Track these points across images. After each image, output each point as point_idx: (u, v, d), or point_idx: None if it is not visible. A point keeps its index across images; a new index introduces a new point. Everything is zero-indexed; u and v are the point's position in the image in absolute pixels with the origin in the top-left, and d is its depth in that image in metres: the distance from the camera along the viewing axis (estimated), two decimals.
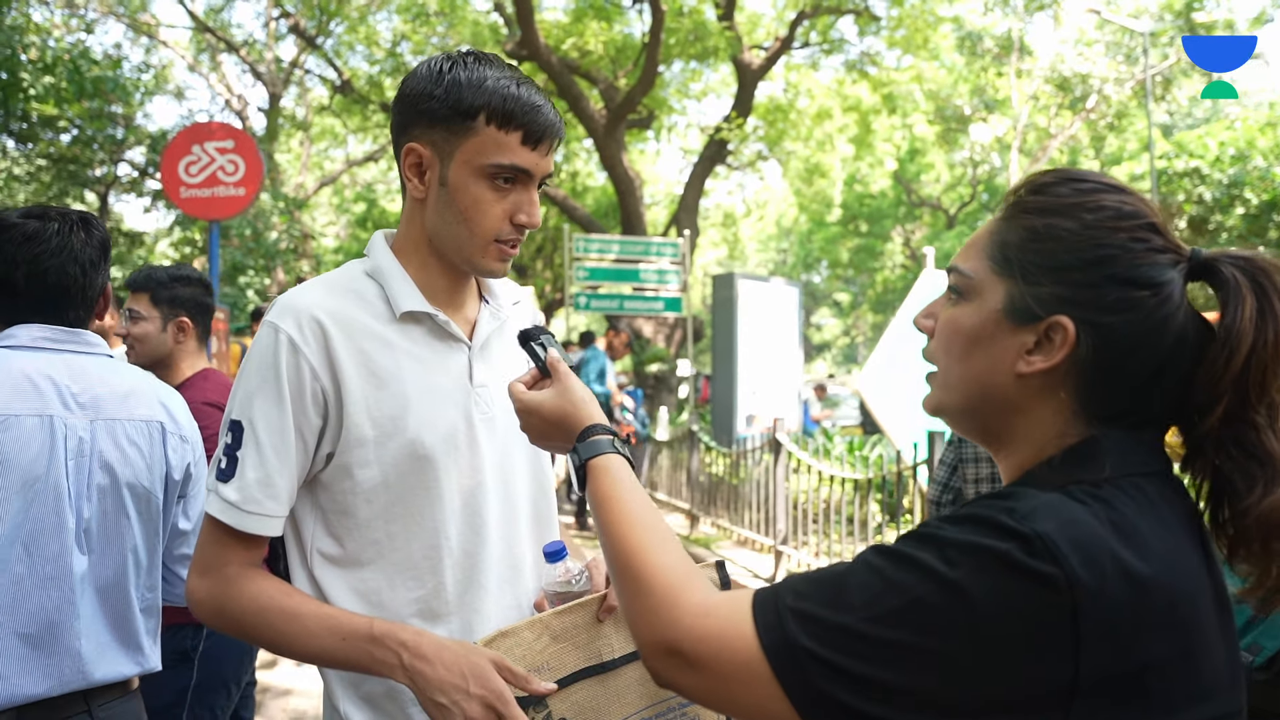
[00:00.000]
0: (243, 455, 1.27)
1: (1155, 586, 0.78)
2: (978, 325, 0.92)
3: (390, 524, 1.32)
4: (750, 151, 18.66)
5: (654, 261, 12.03)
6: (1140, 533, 0.80)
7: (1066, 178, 0.92)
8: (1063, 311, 0.87)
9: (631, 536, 0.98)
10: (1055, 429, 0.89)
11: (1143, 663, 0.78)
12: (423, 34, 16.23)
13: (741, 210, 28.42)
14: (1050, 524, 0.78)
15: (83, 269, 1.79)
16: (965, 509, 0.85)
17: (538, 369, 1.27)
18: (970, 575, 0.77)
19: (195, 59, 20.66)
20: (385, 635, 1.24)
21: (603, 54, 14.80)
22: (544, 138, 1.30)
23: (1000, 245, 0.92)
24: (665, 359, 15.46)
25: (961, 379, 0.94)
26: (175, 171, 6.03)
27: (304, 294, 1.33)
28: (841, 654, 0.79)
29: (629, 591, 0.94)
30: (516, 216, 1.32)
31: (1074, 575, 0.75)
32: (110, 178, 15.54)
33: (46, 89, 11.42)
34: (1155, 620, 0.78)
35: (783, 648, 0.81)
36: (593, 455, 1.10)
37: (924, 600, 0.78)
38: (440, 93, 1.28)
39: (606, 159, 14.80)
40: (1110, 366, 0.87)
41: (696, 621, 0.86)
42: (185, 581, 1.38)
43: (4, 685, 1.59)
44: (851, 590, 0.81)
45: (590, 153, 17.21)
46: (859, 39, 17.51)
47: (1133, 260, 0.86)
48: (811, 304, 39.67)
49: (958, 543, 0.79)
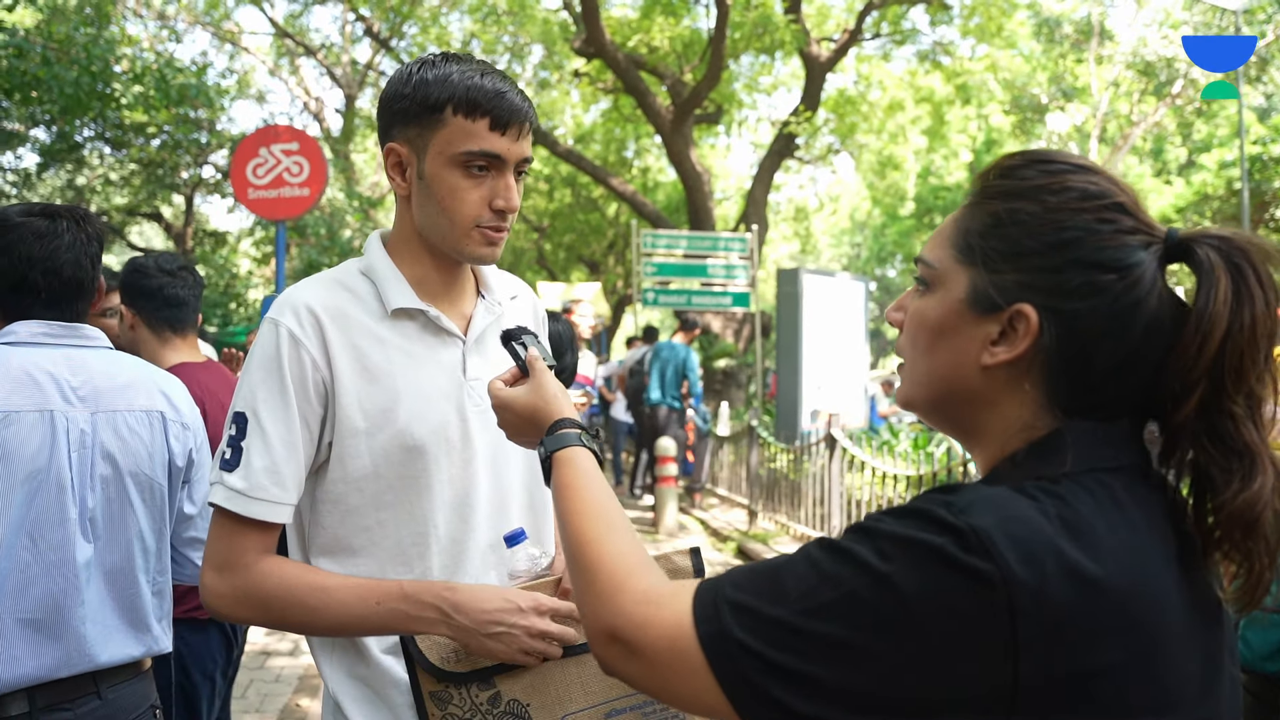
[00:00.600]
0: (248, 445, 1.31)
1: (1108, 588, 0.74)
2: (941, 317, 0.89)
3: (380, 512, 1.37)
4: (821, 145, 18.47)
5: (722, 256, 12.01)
6: (1095, 531, 0.76)
7: (1033, 159, 0.88)
8: (1026, 299, 0.83)
9: (585, 526, 0.99)
10: (1022, 422, 0.86)
11: (1092, 668, 0.74)
12: (493, 33, 16.48)
13: (814, 204, 28.10)
14: (989, 519, 0.75)
15: (91, 263, 1.85)
16: (910, 501, 0.82)
17: (518, 368, 1.30)
18: (903, 570, 0.75)
19: (275, 64, 21.31)
20: (419, 593, 1.29)
21: (669, 49, 14.81)
22: (511, 122, 1.33)
23: (964, 233, 0.89)
24: (733, 354, 15.42)
25: (927, 373, 0.91)
26: (243, 173, 6.27)
27: (302, 291, 1.38)
28: (774, 648, 0.77)
29: (579, 579, 0.95)
30: (494, 202, 1.35)
31: (1009, 572, 0.72)
32: (195, 180, 16.16)
33: (136, 97, 11.94)
34: (1107, 623, 0.74)
35: (718, 639, 0.80)
36: (558, 448, 1.12)
37: (857, 594, 0.76)
38: (409, 92, 1.33)
39: (674, 154, 14.81)
40: (1077, 355, 0.83)
41: (638, 609, 0.86)
42: (199, 570, 1.43)
43: (13, 666, 1.66)
44: (787, 583, 0.79)
45: (661, 149, 17.24)
46: (931, 29, 17.20)
47: (1098, 242, 0.82)
48: (886, 298, 39.04)
49: (893, 536, 0.77)
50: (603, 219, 23.11)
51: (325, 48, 20.49)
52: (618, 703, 1.38)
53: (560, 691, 1.34)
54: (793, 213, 27.62)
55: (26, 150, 14.80)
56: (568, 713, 1.34)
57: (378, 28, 17.20)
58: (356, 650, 1.39)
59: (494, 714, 1.32)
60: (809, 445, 7.54)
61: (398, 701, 1.37)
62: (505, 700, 1.33)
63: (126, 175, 16.08)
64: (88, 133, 13.34)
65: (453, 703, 1.32)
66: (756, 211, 15.25)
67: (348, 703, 1.38)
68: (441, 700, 1.32)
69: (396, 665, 1.38)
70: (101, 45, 10.90)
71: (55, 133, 12.97)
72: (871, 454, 6.37)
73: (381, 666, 1.38)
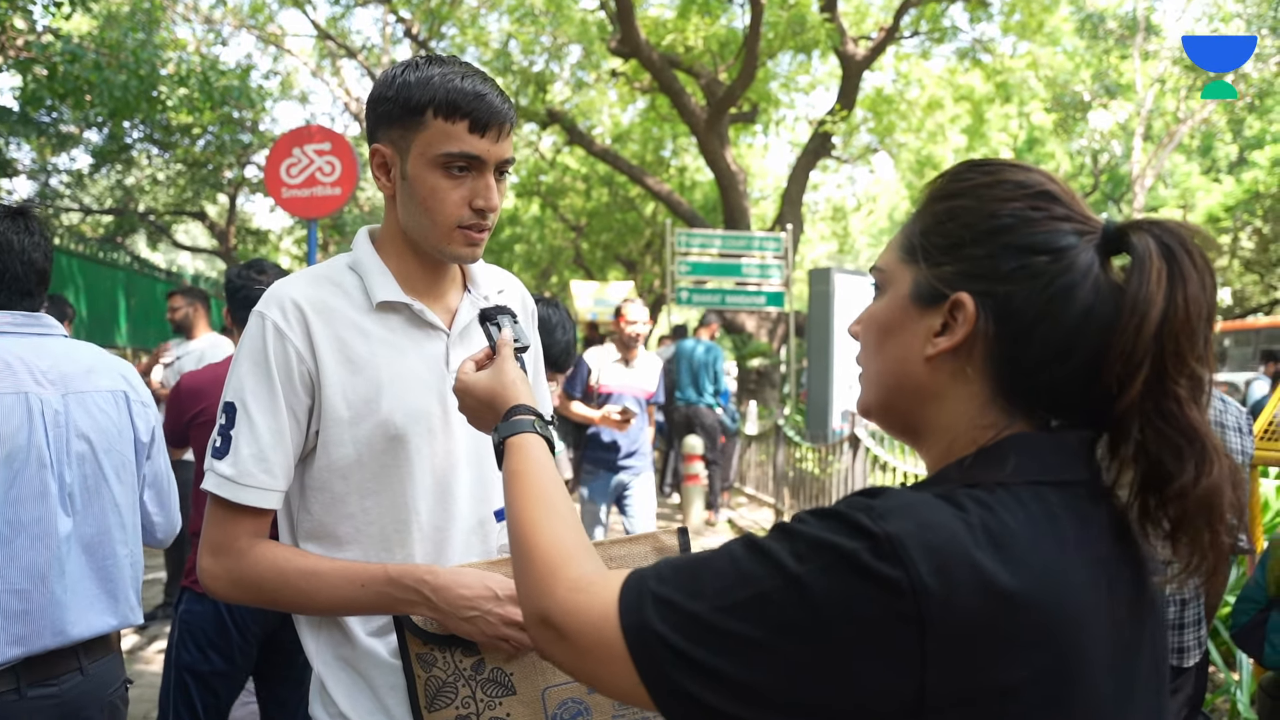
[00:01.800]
0: (236, 434, 1.37)
1: (1022, 602, 0.73)
2: (889, 315, 0.91)
3: (364, 499, 1.42)
4: (859, 144, 18.34)
5: (756, 256, 11.99)
6: (1018, 543, 0.75)
7: (975, 164, 0.91)
8: (963, 288, 0.85)
9: (528, 511, 1.01)
10: (968, 418, 0.87)
11: (1004, 684, 0.73)
12: (530, 33, 16.59)
13: (851, 204, 27.86)
14: (907, 525, 0.74)
15: (47, 256, 1.99)
16: (836, 502, 0.82)
17: (489, 348, 1.35)
18: (814, 573, 0.75)
19: (317, 65, 21.64)
20: (402, 576, 1.34)
21: (704, 49, 14.80)
22: (491, 124, 1.37)
23: (908, 235, 0.92)
24: (767, 354, 15.38)
25: (878, 372, 0.93)
26: (277, 173, 6.43)
27: (288, 285, 1.44)
28: (690, 642, 0.78)
29: (518, 563, 0.97)
30: (474, 201, 1.39)
31: (919, 582, 0.72)
32: (239, 179, 16.50)
33: (182, 100, 12.23)
34: (1022, 639, 0.73)
35: (638, 630, 0.81)
36: (511, 434, 1.15)
37: (768, 595, 0.76)
38: (392, 94, 1.38)
39: (709, 154, 14.80)
40: (1013, 339, 0.83)
41: (569, 595, 0.87)
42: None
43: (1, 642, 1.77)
44: (707, 579, 0.80)
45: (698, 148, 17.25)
46: (970, 26, 16.97)
47: (1030, 228, 0.84)
48: None
49: (809, 537, 0.77)
50: (639, 218, 23.15)
51: (366, 49, 20.76)
52: None
53: (543, 663, 1.39)
54: (830, 212, 27.44)
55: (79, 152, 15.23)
56: (550, 684, 1.39)
57: (417, 29, 17.40)
58: (342, 632, 1.45)
59: (477, 680, 1.37)
60: (834, 445, 7.53)
61: (379, 682, 1.43)
62: (489, 668, 1.38)
63: (172, 175, 16.47)
64: (136, 134, 13.69)
65: (437, 665, 1.37)
66: (792, 211, 15.19)
67: (332, 683, 1.44)
68: (426, 662, 1.37)
69: (380, 647, 1.44)
70: (150, 49, 11.18)
71: (106, 134, 13.33)
72: (894, 455, 6.36)
73: (365, 648, 1.43)
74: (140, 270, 14.12)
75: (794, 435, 8.70)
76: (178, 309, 5.32)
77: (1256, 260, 21.98)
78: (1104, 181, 25.65)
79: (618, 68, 16.48)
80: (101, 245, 14.34)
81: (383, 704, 1.43)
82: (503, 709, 1.37)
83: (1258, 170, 20.33)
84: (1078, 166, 26.23)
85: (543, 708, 1.39)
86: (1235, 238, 21.59)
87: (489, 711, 1.37)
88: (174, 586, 5.56)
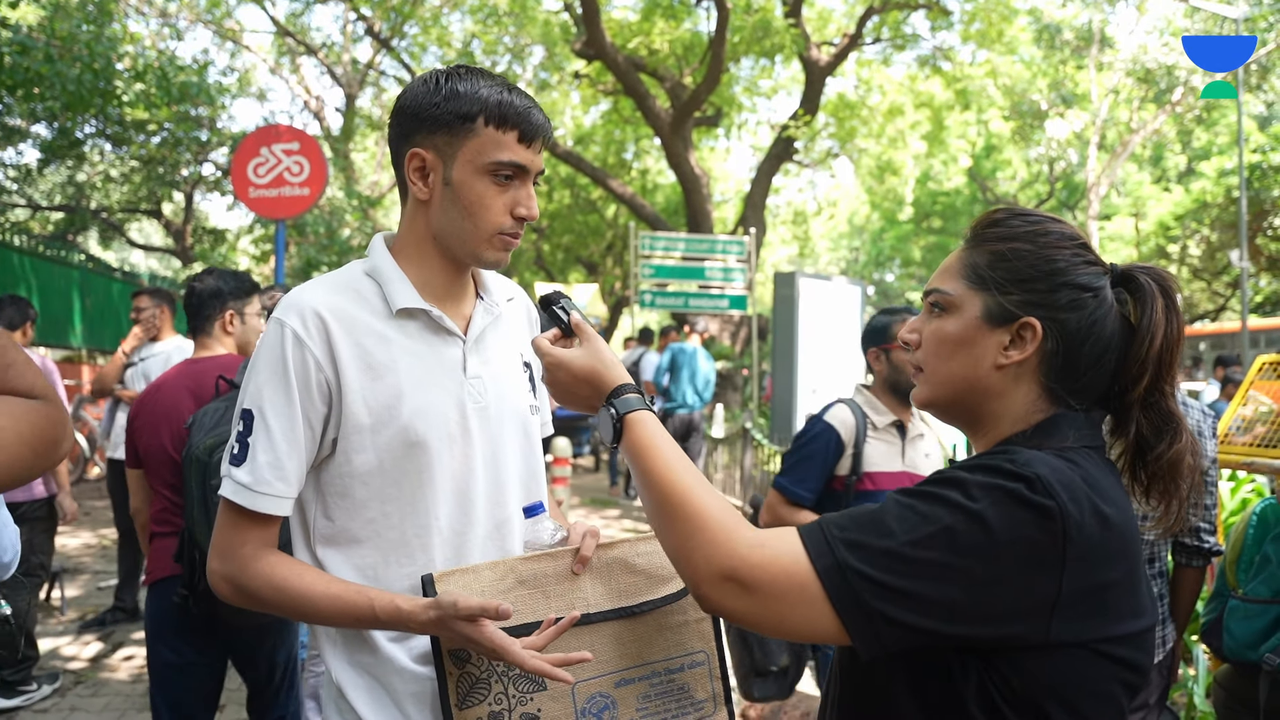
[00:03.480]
0: (253, 441, 1.38)
1: (1115, 525, 1.02)
2: (961, 331, 1.14)
3: (385, 505, 1.42)
4: (821, 149, 18.50)
5: (720, 259, 12.04)
6: (1102, 485, 1.04)
7: (1016, 213, 1.17)
8: (1030, 313, 1.10)
9: (681, 480, 1.11)
10: (1025, 407, 1.13)
11: (1105, 581, 1.00)
12: (494, 34, 16.51)
13: (813, 208, 28.12)
14: (1044, 469, 1.00)
15: None
16: (974, 460, 1.06)
17: (560, 330, 1.35)
18: (990, 507, 0.98)
19: (276, 62, 21.34)
20: (390, 619, 1.34)
21: (669, 52, 14.85)
22: (536, 136, 1.43)
23: (972, 267, 1.15)
24: (730, 357, 15.46)
25: (949, 376, 1.16)
26: (244, 172, 6.32)
27: (307, 292, 1.43)
28: (886, 572, 0.97)
29: (682, 528, 1.07)
30: (516, 209, 1.44)
31: (1065, 509, 0.97)
32: (195, 177, 16.17)
33: (137, 95, 11.96)
34: (1115, 550, 1.01)
35: (834, 569, 0.98)
36: (629, 410, 1.22)
37: (954, 528, 0.97)
38: (441, 100, 1.40)
39: (672, 157, 14.85)
40: (1069, 352, 1.10)
41: (753, 551, 1.01)
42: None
43: None
44: (890, 522, 1.00)
45: (661, 151, 17.28)
46: (931, 34, 17.23)
47: (1076, 271, 1.11)
48: (883, 302, 39.09)
49: (977, 483, 1.00)
50: (601, 220, 23.15)
51: (326, 47, 20.53)
52: (627, 673, 1.45)
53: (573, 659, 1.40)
54: (791, 216, 27.66)
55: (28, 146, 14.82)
56: (580, 679, 1.40)
57: (379, 27, 17.24)
58: (361, 638, 1.44)
59: (509, 676, 1.38)
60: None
61: (400, 689, 1.42)
62: None
63: (127, 172, 16.08)
64: (89, 129, 13.33)
65: (470, 661, 1.37)
66: (754, 215, 15.29)
67: (351, 689, 1.43)
68: (460, 659, 1.37)
69: (400, 653, 1.43)
70: (104, 43, 10.89)
71: (56, 129, 12.96)
72: None
73: (385, 654, 1.43)
74: (95, 269, 13.79)
75: (761, 438, 8.75)
76: (143, 310, 5.19)
77: (1203, 268, 22.54)
78: (1060, 189, 26.18)
79: (581, 69, 16.47)
80: (51, 243, 13.98)
81: (403, 710, 1.42)
82: (534, 704, 1.38)
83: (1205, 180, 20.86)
84: (1034, 174, 26.75)
85: (572, 702, 1.40)
86: (1184, 246, 22.14)
87: (520, 707, 1.37)
88: (125, 590, 5.44)
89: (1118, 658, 1.02)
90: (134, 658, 4.87)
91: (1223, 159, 20.60)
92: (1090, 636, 1.00)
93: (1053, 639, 0.98)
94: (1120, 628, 1.02)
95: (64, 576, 5.87)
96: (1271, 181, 17.95)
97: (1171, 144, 25.57)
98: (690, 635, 1.51)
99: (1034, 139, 24.52)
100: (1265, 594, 2.58)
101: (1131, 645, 1.03)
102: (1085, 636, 1.00)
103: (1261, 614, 2.56)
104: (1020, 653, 0.99)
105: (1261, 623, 2.54)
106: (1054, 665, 0.99)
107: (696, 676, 1.50)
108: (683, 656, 1.50)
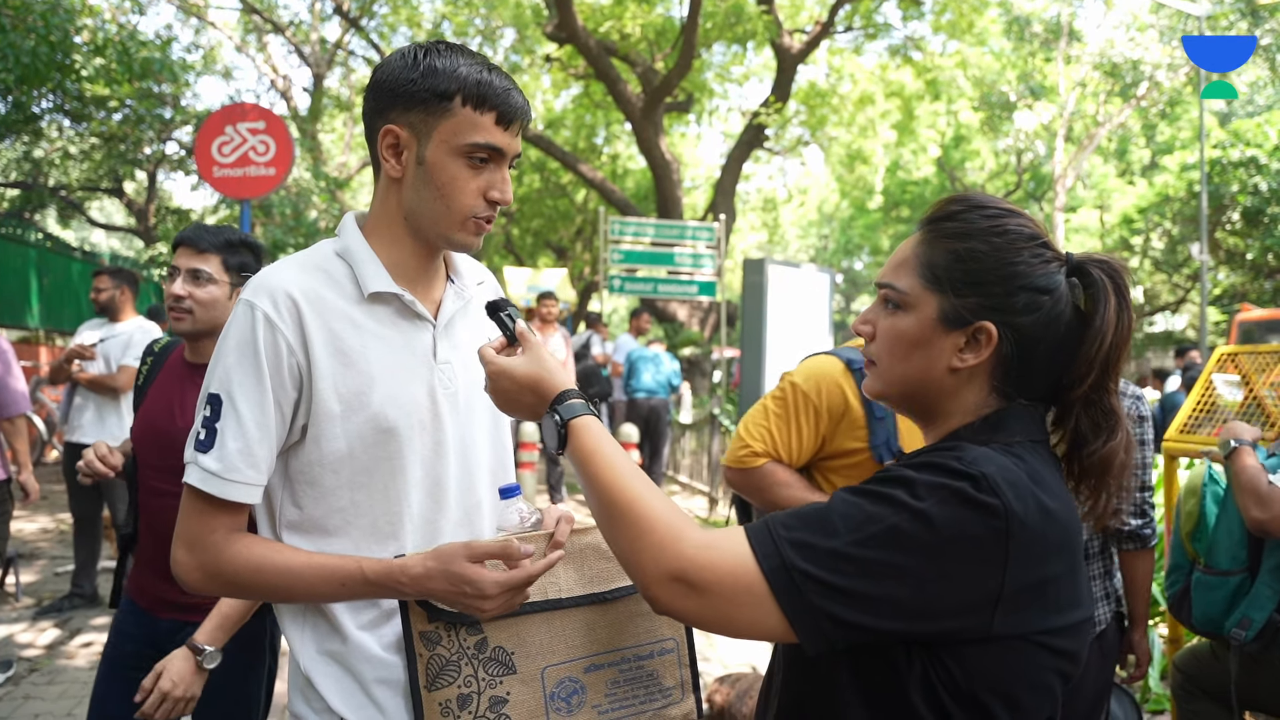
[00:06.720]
0: (222, 426, 1.33)
1: (1059, 519, 1.03)
2: (917, 332, 1.13)
3: (355, 493, 1.39)
4: (791, 136, 18.55)
5: (689, 245, 12.03)
6: (1046, 479, 1.06)
7: (972, 205, 1.14)
8: (986, 317, 1.10)
9: (627, 484, 1.10)
10: (974, 404, 1.14)
11: (1046, 576, 1.01)
12: (464, 15, 16.35)
13: (783, 195, 28.19)
14: (991, 468, 1.01)
15: None
16: (919, 457, 1.08)
17: (505, 338, 1.34)
18: (935, 505, 0.98)
19: (242, 40, 20.97)
20: (380, 577, 1.31)
21: (641, 37, 14.79)
22: (515, 119, 1.39)
23: (929, 265, 1.14)
24: (699, 342, 15.49)
25: (904, 375, 1.16)
26: (209, 151, 6.19)
27: (278, 272, 1.38)
28: (832, 573, 0.97)
29: (631, 531, 1.06)
30: (490, 193, 1.40)
31: (1010, 507, 0.99)
32: (158, 156, 15.86)
33: (97, 70, 11.68)
34: (1057, 544, 1.03)
35: (780, 570, 0.98)
36: (572, 416, 1.21)
37: (899, 526, 0.98)
38: (417, 77, 1.35)
39: (643, 142, 14.81)
40: (1023, 356, 1.11)
41: (700, 552, 1.01)
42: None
43: None
44: (836, 521, 1.00)
45: (631, 136, 17.21)
46: (903, 24, 17.31)
47: (1034, 272, 1.10)
48: (852, 290, 39.33)
49: (922, 481, 1.01)
50: (571, 205, 23.06)
51: (294, 25, 20.21)
52: (597, 658, 1.45)
53: (544, 643, 1.41)
54: (761, 203, 27.71)
55: None
56: (550, 663, 1.40)
57: (348, 6, 17.00)
58: (329, 625, 1.41)
59: (479, 659, 1.37)
60: None
61: (368, 676, 1.39)
62: (491, 646, 1.38)
63: (87, 149, 15.72)
64: (46, 104, 13.01)
65: (441, 644, 1.36)
66: (724, 201, 15.30)
67: (319, 678, 1.40)
68: (430, 640, 1.35)
69: (371, 640, 1.40)
70: (60, 14, 10.63)
71: (11, 103, 12.65)
72: None
73: (355, 641, 1.40)
74: (53, 248, 13.49)
75: (729, 424, 8.77)
76: (104, 290, 5.08)
77: (1165, 260, 22.88)
78: (1027, 180, 26.42)
79: (552, 53, 16.35)
80: (6, 220, 13.66)
81: (372, 698, 1.40)
82: (503, 688, 1.37)
83: (1168, 174, 21.14)
84: (1002, 165, 26.98)
85: (541, 686, 1.40)
86: (1147, 238, 22.44)
87: (490, 690, 1.37)
88: (83, 576, 5.36)
89: (1056, 649, 1.04)
90: (92, 644, 4.79)
91: (1185, 154, 20.88)
92: (1030, 629, 1.01)
93: (994, 632, 1.00)
94: (1059, 619, 1.03)
95: (19, 561, 5.76)
96: (1231, 177, 18.21)
97: (1136, 138, 25.91)
98: (661, 623, 1.51)
99: (1002, 130, 24.72)
100: (1225, 565, 2.64)
101: (1069, 636, 1.05)
102: (1025, 629, 1.01)
103: (1221, 584, 2.65)
104: (962, 645, 1.00)
105: (1223, 593, 2.63)
106: (994, 657, 1.01)
107: (666, 664, 1.50)
108: (653, 644, 1.50)
